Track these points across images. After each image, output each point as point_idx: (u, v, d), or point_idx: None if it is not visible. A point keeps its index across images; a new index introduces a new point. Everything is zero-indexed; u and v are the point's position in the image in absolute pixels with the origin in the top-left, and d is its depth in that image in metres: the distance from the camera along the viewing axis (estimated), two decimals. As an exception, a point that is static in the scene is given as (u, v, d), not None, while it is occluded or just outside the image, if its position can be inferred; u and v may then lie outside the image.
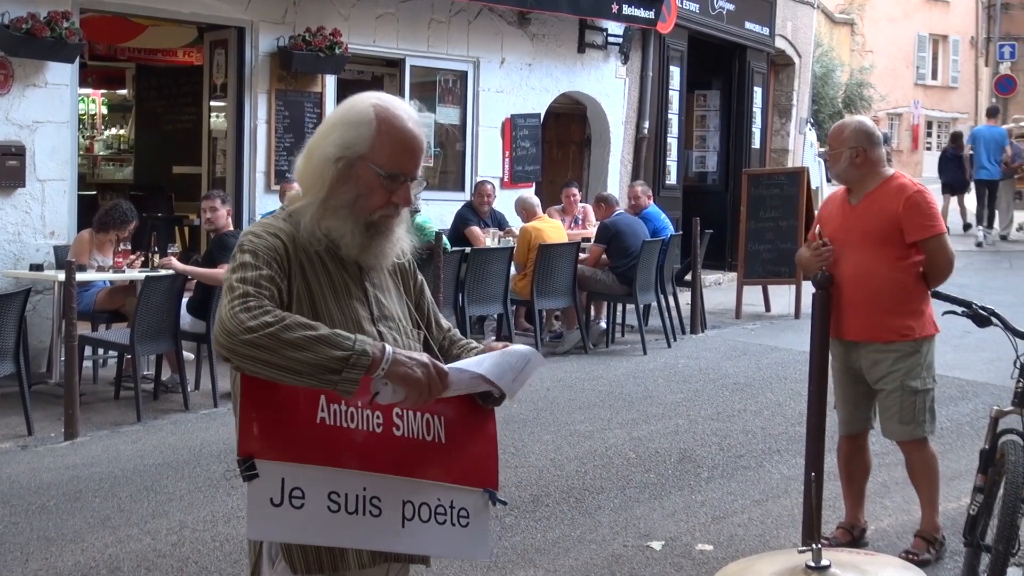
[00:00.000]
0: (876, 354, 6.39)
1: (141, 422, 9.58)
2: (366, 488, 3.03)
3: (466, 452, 3.24)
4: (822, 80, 33.32)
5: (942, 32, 51.11)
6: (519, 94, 16.06)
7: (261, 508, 2.93)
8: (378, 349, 2.90)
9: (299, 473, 2.95)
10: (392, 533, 3.07)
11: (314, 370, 2.83)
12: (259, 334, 2.82)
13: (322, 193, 3.12)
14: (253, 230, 3.14)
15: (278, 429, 2.96)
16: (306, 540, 3.02)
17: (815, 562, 2.78)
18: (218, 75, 13.67)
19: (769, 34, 21.33)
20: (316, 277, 3.12)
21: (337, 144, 3.11)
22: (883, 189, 6.40)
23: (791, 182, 16.40)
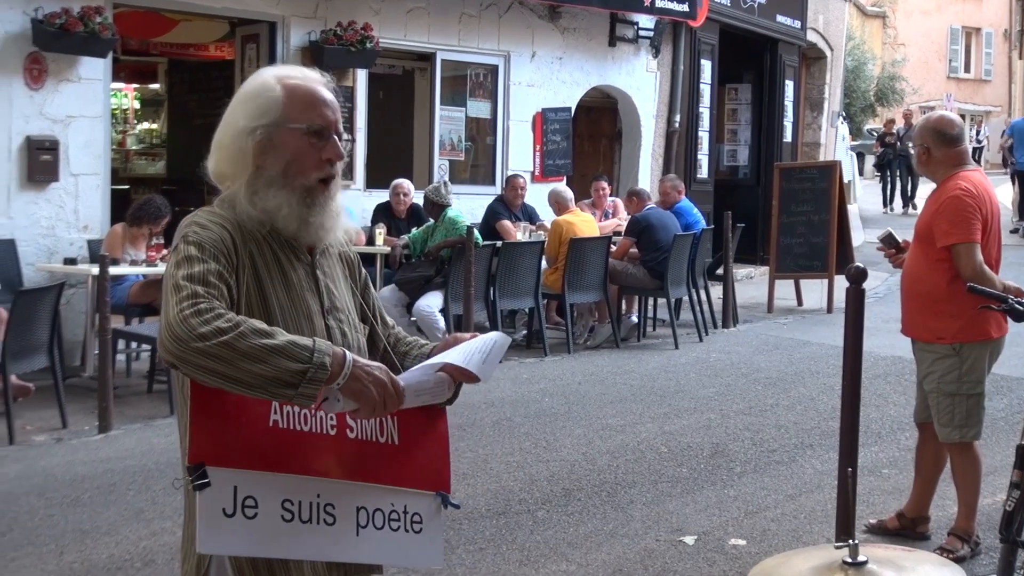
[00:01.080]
0: (920, 352, 6.50)
1: (174, 415, 9.60)
2: (320, 495, 2.89)
3: (419, 454, 3.11)
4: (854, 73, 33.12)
5: (975, 25, 50.80)
6: (550, 88, 16.04)
7: (213, 519, 2.74)
8: (337, 362, 2.73)
9: (252, 480, 2.79)
10: (346, 542, 2.94)
11: (269, 383, 2.66)
12: (212, 343, 2.62)
13: (249, 170, 2.97)
14: (197, 220, 2.93)
15: (229, 434, 2.78)
16: (261, 553, 2.85)
17: (852, 558, 2.76)
18: (249, 69, 13.66)
19: (801, 27, 21.23)
20: (266, 267, 2.95)
21: (248, 116, 2.97)
22: (941, 187, 6.41)
23: (823, 176, 16.33)
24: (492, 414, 9.62)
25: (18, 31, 10.78)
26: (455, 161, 15.37)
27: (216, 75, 17.36)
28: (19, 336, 8.75)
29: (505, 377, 11.20)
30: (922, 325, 6.41)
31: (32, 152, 10.92)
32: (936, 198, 6.40)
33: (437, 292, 11.79)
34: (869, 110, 37.63)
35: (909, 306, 6.49)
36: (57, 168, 11.11)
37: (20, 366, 8.87)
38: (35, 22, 10.73)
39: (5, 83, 10.76)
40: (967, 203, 6.27)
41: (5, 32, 10.72)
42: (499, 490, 7.62)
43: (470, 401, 10.10)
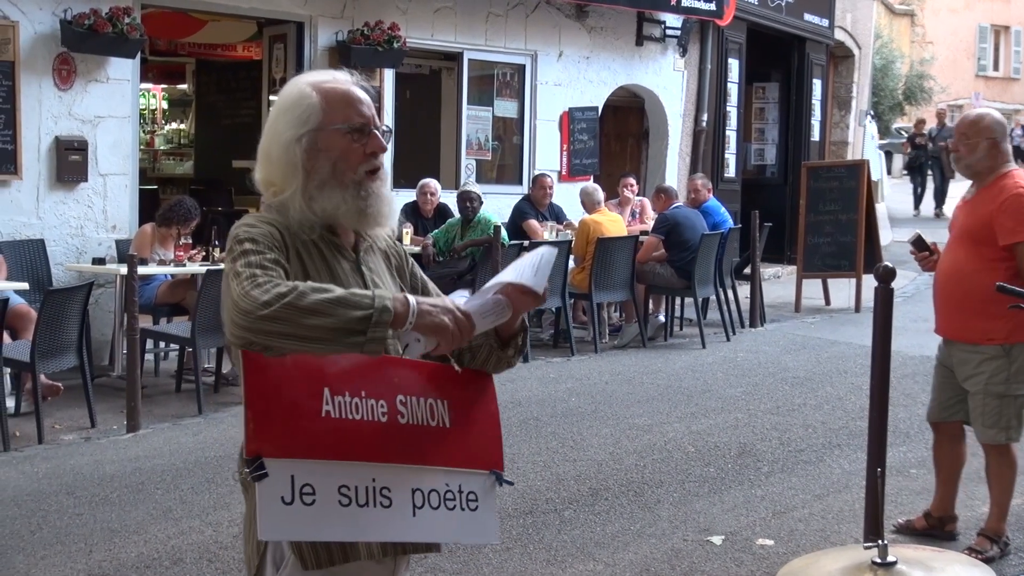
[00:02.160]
0: (964, 354, 6.36)
1: (202, 415, 9.65)
2: (375, 479, 2.96)
3: (471, 434, 3.18)
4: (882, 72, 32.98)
5: (1004, 23, 50.54)
6: (576, 87, 16.03)
7: (273, 508, 2.84)
8: (400, 302, 2.84)
9: (308, 469, 2.88)
10: (404, 523, 3.02)
11: (337, 335, 2.77)
12: (276, 307, 2.74)
13: (300, 177, 3.07)
14: (245, 221, 3.06)
15: (284, 426, 2.87)
16: (320, 537, 2.95)
17: (881, 558, 2.76)
18: (277, 70, 13.73)
19: (828, 26, 21.17)
20: (313, 265, 3.06)
21: (291, 126, 3.08)
22: (993, 186, 6.30)
23: (851, 175, 16.27)
24: (519, 413, 9.62)
25: (47, 32, 10.83)
26: (482, 161, 15.38)
27: (244, 75, 17.42)
28: (48, 336, 8.80)
29: (532, 376, 11.21)
30: (969, 326, 6.31)
31: (61, 152, 10.98)
32: (991, 196, 6.26)
33: (464, 291, 11.72)
34: (897, 108, 37.47)
35: (950, 307, 6.36)
36: (86, 168, 11.16)
37: (49, 366, 8.92)
38: (64, 23, 10.79)
39: (34, 84, 10.82)
40: None
41: (35, 33, 10.78)
42: (526, 489, 7.62)
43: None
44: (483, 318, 3.04)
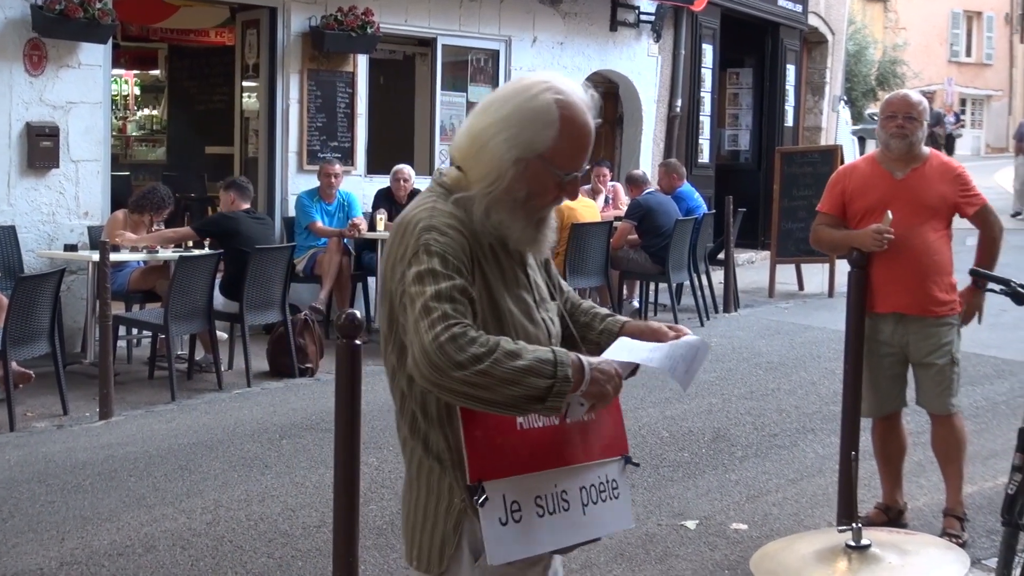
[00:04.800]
0: (930, 328, 6.37)
1: (175, 402, 9.61)
2: (556, 484, 3.00)
3: (604, 423, 3.17)
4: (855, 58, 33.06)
5: (976, 8, 50.70)
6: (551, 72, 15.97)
7: (496, 531, 2.87)
8: (576, 371, 2.80)
9: (513, 486, 2.91)
10: (580, 523, 3.05)
11: (520, 401, 2.75)
12: (470, 371, 2.69)
13: (495, 190, 2.93)
14: (434, 224, 2.90)
15: (494, 446, 2.90)
16: (531, 552, 2.96)
17: (855, 541, 2.76)
18: (250, 55, 13.67)
19: (802, 11, 21.18)
20: (491, 268, 2.98)
21: (516, 144, 2.91)
22: (931, 164, 6.44)
23: (825, 160, 16.31)
24: (494, 399, 9.60)
25: (18, 17, 10.74)
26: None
27: (217, 61, 17.32)
28: (20, 323, 8.75)
29: (506, 362, 11.19)
30: (938, 299, 6.37)
31: (32, 139, 10.89)
32: (939, 173, 6.40)
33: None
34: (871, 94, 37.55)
35: (915, 283, 6.34)
36: (57, 154, 11.08)
37: (21, 353, 8.86)
38: (35, 8, 10.70)
39: (5, 69, 10.73)
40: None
41: (5, 18, 10.69)
42: (501, 475, 7.60)
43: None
44: (625, 369, 3.01)
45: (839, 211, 6.57)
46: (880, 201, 6.39)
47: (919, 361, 6.45)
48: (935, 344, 6.39)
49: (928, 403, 6.53)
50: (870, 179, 6.51)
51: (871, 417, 6.67)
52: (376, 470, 7.67)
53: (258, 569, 6.12)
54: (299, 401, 9.73)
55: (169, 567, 6.11)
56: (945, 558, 2.75)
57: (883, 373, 6.52)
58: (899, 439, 6.66)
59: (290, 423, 8.94)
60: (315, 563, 6.15)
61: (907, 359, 6.50)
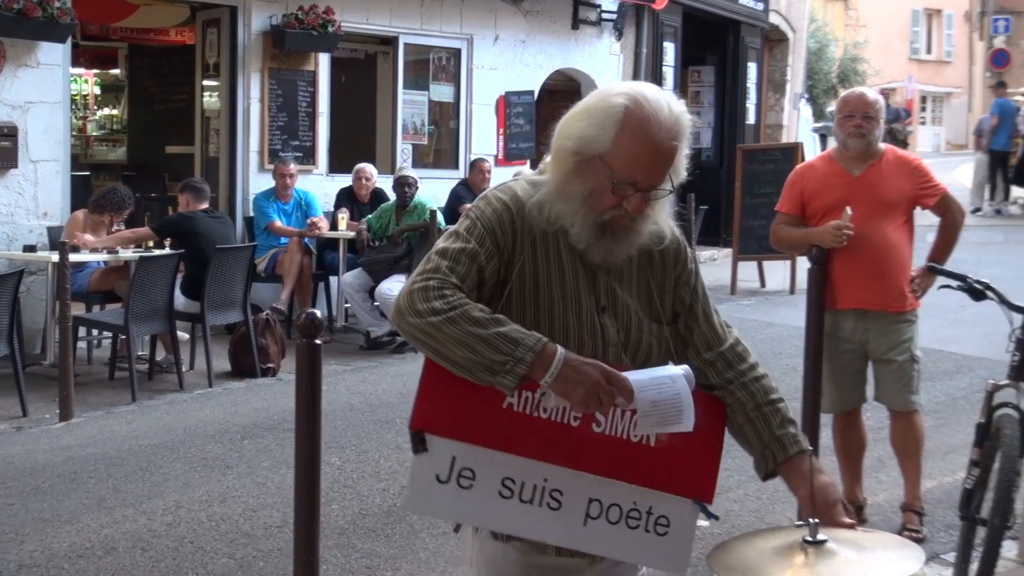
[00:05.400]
0: (891, 324, 6.42)
1: (136, 403, 9.57)
2: (547, 479, 2.90)
3: (678, 458, 3.00)
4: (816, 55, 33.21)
5: (936, 6, 51.00)
6: (513, 71, 16.01)
7: (425, 483, 2.87)
8: (542, 361, 2.76)
9: (472, 454, 2.87)
10: (570, 528, 2.93)
11: (471, 365, 2.76)
12: (424, 320, 2.77)
13: (558, 178, 2.96)
14: (487, 196, 3.03)
15: (457, 408, 2.87)
16: (467, 520, 2.97)
17: (812, 537, 2.78)
18: (211, 54, 13.62)
19: (763, 9, 21.27)
20: (546, 255, 2.96)
21: (578, 137, 2.93)
22: (888, 160, 6.49)
23: (786, 157, 16.36)
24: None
25: (-25, 16, 10.67)
26: (418, 145, 15.33)
27: (177, 60, 17.21)
28: (-22, 324, 8.69)
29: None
30: (899, 295, 6.41)
31: (-10, 139, 10.83)
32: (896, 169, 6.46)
33: (400, 276, 11.76)
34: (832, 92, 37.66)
35: (878, 279, 6.37)
36: (16, 155, 11.00)
37: (-20, 354, 8.81)
38: (-8, 7, 10.64)
39: (-38, 69, 10.67)
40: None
41: (-39, 17, 10.61)
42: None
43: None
44: (652, 408, 2.83)
45: (798, 210, 6.59)
46: (839, 199, 6.42)
47: (879, 357, 6.49)
48: (895, 340, 6.42)
49: (888, 399, 6.57)
50: (828, 178, 6.54)
51: (831, 413, 6.70)
52: (338, 470, 7.66)
53: (219, 570, 6.09)
54: (261, 401, 9.70)
55: (129, 569, 6.08)
56: (900, 552, 2.77)
57: (843, 369, 6.55)
58: (859, 435, 6.70)
59: (252, 423, 8.91)
60: (276, 563, 6.13)
61: (867, 355, 6.53)
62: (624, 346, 3.01)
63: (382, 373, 10.77)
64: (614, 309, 3.02)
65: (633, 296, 3.07)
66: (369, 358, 11.51)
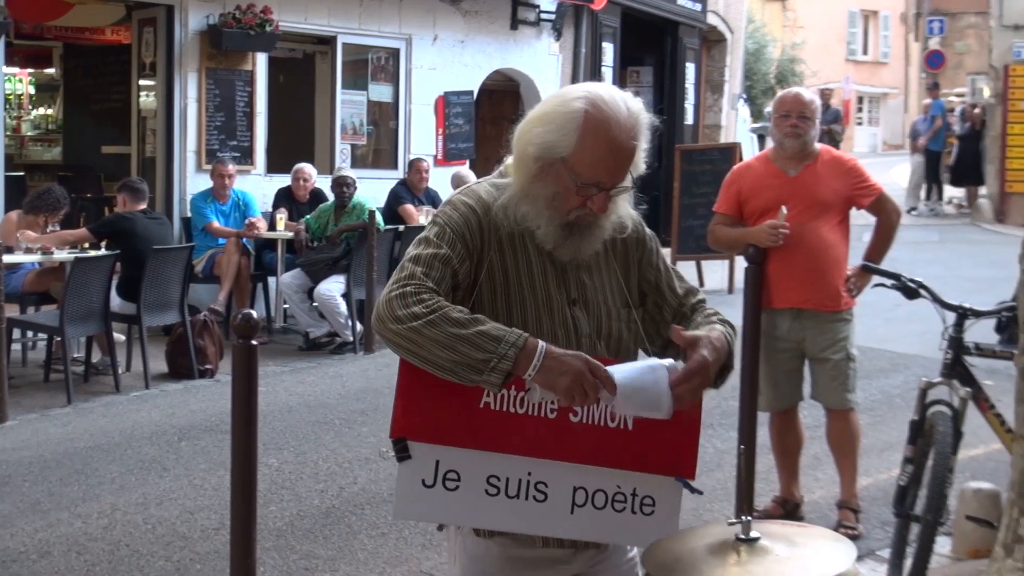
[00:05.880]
0: (826, 323, 6.46)
1: (71, 405, 9.47)
2: (531, 473, 2.96)
3: (658, 439, 3.05)
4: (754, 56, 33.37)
5: (872, 8, 51.44)
6: (452, 71, 15.99)
7: (411, 489, 2.92)
8: (525, 355, 2.81)
9: (455, 456, 2.92)
10: (558, 518, 2.99)
11: (455, 366, 2.80)
12: (405, 326, 2.80)
13: (521, 181, 3.03)
14: (453, 200, 3.09)
15: (435, 412, 2.92)
16: (457, 521, 3.02)
17: (744, 534, 2.80)
18: (147, 54, 13.51)
19: (701, 10, 21.37)
20: (514, 254, 3.05)
21: (538, 143, 2.99)
22: (823, 160, 6.53)
23: (724, 157, 16.44)
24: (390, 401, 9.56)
25: (-95, 14, 10.54)
26: (357, 145, 15.28)
27: (113, 60, 17.09)
28: (-90, 326, 8.57)
29: (409, 361, 11.18)
30: (834, 294, 6.45)
31: (-78, 138, 10.70)
32: (831, 169, 6.50)
33: (339, 276, 11.72)
34: (770, 92, 37.82)
35: (813, 278, 6.41)
36: (-52, 155, 10.88)
37: (-89, 357, 8.69)
38: (-77, 5, 10.50)
39: None
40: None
41: None
42: (402, 474, 7.59)
43: (373, 386, 10.08)
44: (633, 394, 2.87)
45: (735, 211, 6.63)
46: (775, 199, 6.46)
47: (815, 356, 6.54)
48: (831, 339, 6.47)
49: (824, 398, 6.62)
50: (764, 178, 6.58)
51: (768, 412, 6.74)
52: (276, 471, 7.62)
53: (155, 573, 6.05)
54: (198, 403, 9.64)
55: (64, 573, 6.03)
56: (833, 548, 2.79)
57: (780, 368, 6.59)
58: (796, 433, 6.74)
59: (189, 425, 8.85)
60: (214, 565, 6.10)
61: (804, 354, 6.58)
62: (597, 336, 3.09)
63: (321, 374, 10.73)
64: (584, 301, 3.11)
65: (603, 286, 3.16)
66: (307, 359, 11.47)
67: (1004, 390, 6.09)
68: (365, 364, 11.16)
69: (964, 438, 5.54)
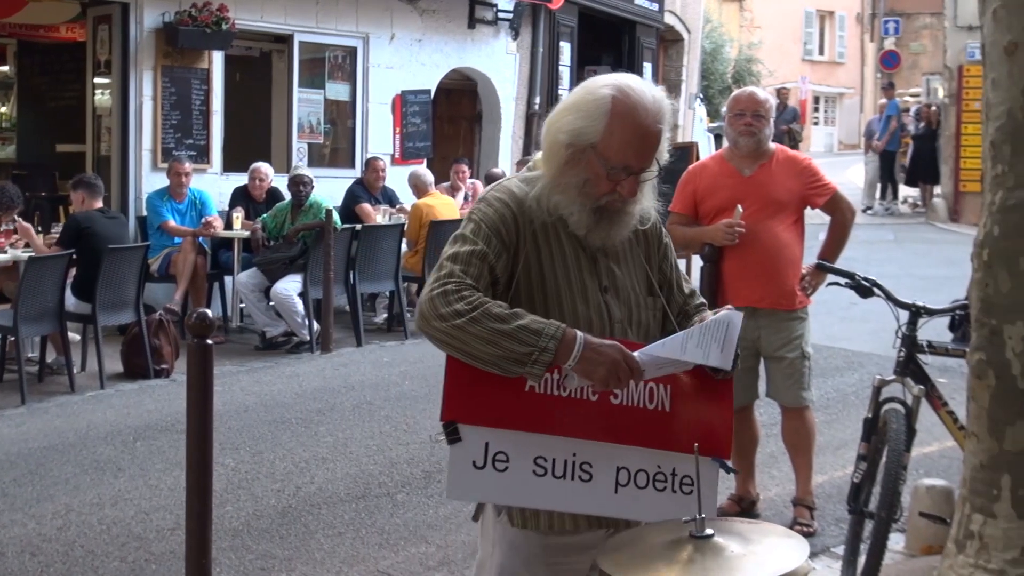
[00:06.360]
0: (782, 322, 6.48)
1: (25, 405, 9.40)
2: (576, 454, 3.10)
3: (694, 420, 3.21)
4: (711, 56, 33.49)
5: (829, 8, 51.72)
6: (409, 70, 15.97)
7: (462, 470, 3.05)
8: (565, 346, 2.95)
9: (504, 438, 3.06)
10: (602, 498, 3.12)
11: (498, 360, 2.94)
12: (448, 324, 2.94)
13: (553, 171, 3.18)
14: (486, 197, 3.22)
15: (483, 396, 3.05)
16: (507, 501, 3.14)
17: (698, 532, 2.81)
18: (102, 51, 13.43)
19: (658, 10, 21.43)
20: (548, 245, 3.19)
21: (569, 130, 3.13)
22: (778, 160, 6.54)
23: (681, 156, 16.40)
24: (352, 398, 9.58)
25: None
26: (314, 144, 15.24)
27: (68, 57, 16.95)
28: None
29: (365, 360, 11.18)
30: (789, 293, 6.47)
31: None
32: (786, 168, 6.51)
33: (296, 275, 11.69)
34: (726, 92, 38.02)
35: (768, 277, 6.43)
36: (-100, 153, 10.78)
37: None
38: None
39: None
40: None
41: None
42: (359, 474, 7.60)
43: (330, 386, 10.06)
44: (659, 369, 3.08)
45: (691, 210, 6.64)
46: (730, 199, 6.47)
47: (771, 355, 6.57)
48: (786, 338, 6.50)
49: (780, 396, 6.65)
50: (719, 177, 6.60)
51: None
52: (232, 471, 7.60)
53: (110, 574, 6.02)
54: (154, 402, 9.58)
55: (18, 574, 5.99)
56: (785, 545, 2.81)
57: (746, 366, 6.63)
58: (752, 431, 6.77)
59: (144, 425, 8.81)
60: (169, 566, 6.07)
61: (759, 353, 6.61)
62: (628, 323, 3.26)
63: (277, 373, 10.69)
64: (615, 289, 3.28)
65: (630, 274, 3.33)
66: (264, 358, 11.42)
67: (957, 388, 6.14)
68: (322, 363, 11.13)
69: (917, 435, 5.59)
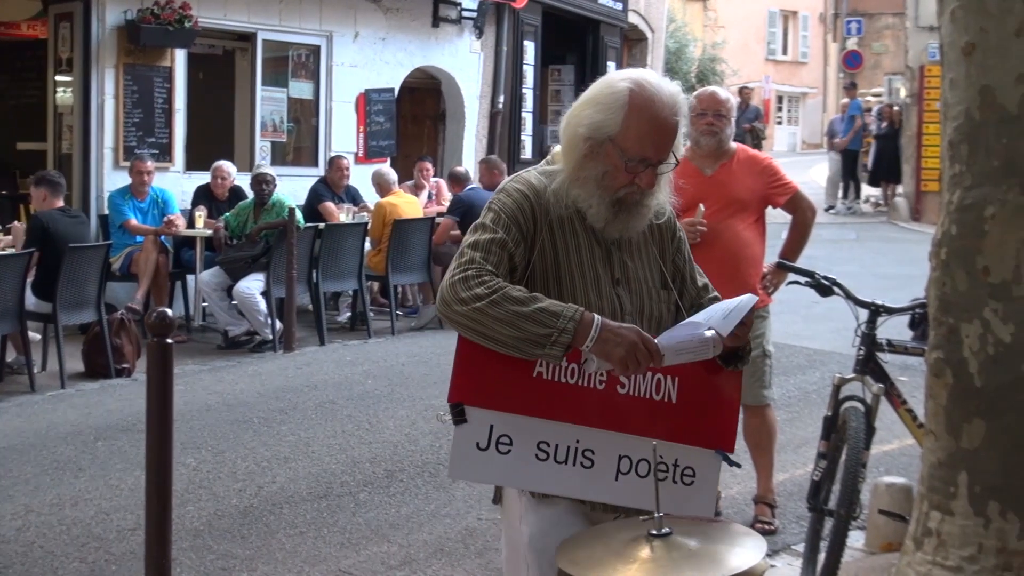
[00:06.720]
0: None
1: (-5, 402, 9.37)
2: (579, 440, 3.18)
3: (699, 413, 3.29)
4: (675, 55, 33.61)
5: (792, 8, 51.93)
6: (373, 69, 15.94)
7: (466, 451, 3.14)
8: (583, 328, 3.03)
9: (508, 421, 3.14)
10: (603, 484, 3.19)
11: (518, 343, 3.03)
12: (469, 307, 3.03)
13: (572, 164, 3.26)
14: (505, 188, 3.33)
15: (491, 379, 3.13)
16: (507, 483, 3.25)
17: (657, 530, 2.82)
18: (63, 49, 13.35)
19: (622, 9, 21.45)
20: (564, 237, 3.27)
21: (588, 124, 3.22)
22: (739, 159, 6.55)
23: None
24: (315, 397, 9.56)
25: None
26: (277, 143, 15.20)
27: (29, 55, 16.80)
28: None
29: (328, 359, 11.15)
30: (752, 291, 6.48)
31: None
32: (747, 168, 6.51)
33: (259, 274, 11.65)
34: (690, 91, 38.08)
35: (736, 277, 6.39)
36: None
37: None
38: None
39: None
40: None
41: None
42: (321, 473, 7.58)
43: (292, 385, 10.03)
44: (679, 354, 3.13)
45: None
46: (692, 198, 6.46)
47: None
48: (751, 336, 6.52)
49: (746, 395, 6.66)
50: (681, 177, 6.56)
51: None
52: (194, 471, 7.57)
53: (69, 574, 5.99)
54: (115, 402, 9.54)
55: (-24, 575, 5.96)
56: (743, 543, 2.83)
57: None
58: None
59: (105, 424, 8.76)
60: (129, 566, 6.04)
61: None
62: (640, 315, 3.32)
63: (240, 372, 10.65)
64: (627, 281, 3.35)
65: (643, 267, 3.40)
66: (226, 357, 11.38)
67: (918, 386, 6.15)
68: (284, 362, 11.10)
69: (877, 433, 5.63)
